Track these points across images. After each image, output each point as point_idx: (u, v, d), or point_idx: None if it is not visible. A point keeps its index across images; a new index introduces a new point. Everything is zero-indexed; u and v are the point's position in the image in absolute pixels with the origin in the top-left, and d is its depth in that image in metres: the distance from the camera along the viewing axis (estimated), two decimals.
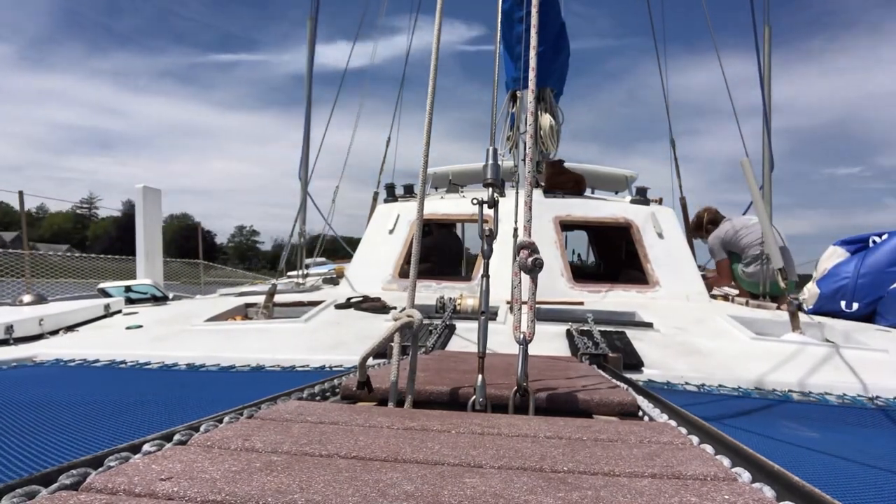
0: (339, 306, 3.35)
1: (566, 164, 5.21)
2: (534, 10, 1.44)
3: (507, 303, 3.20)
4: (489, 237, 1.40)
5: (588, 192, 5.80)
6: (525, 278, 1.22)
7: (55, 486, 0.59)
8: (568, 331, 2.65)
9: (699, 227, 5.42)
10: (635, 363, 2.22)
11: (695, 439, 0.87)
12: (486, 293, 1.35)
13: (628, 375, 1.90)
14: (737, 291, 4.92)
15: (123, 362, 2.30)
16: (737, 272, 4.90)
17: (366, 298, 3.44)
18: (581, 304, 3.55)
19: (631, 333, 2.66)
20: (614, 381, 1.54)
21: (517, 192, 3.44)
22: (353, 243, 5.75)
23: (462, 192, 5.41)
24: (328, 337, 2.69)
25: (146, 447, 0.73)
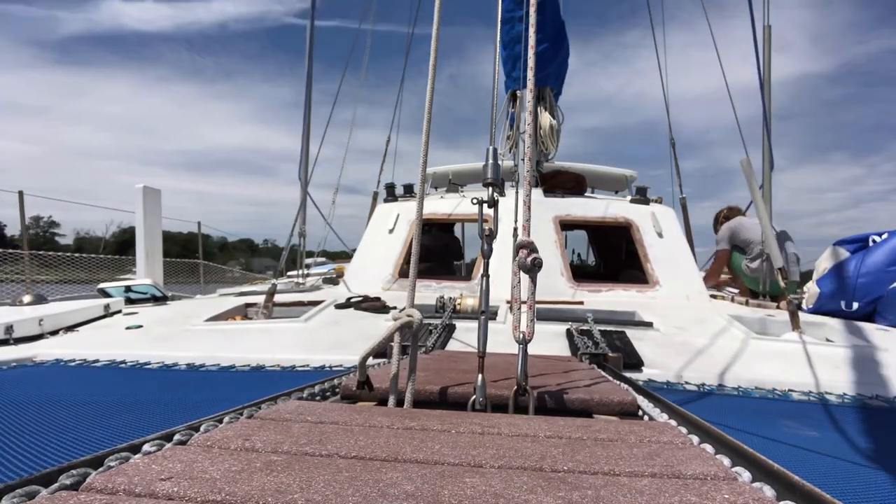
0: (338, 306, 3.35)
1: (566, 164, 5.21)
2: (532, 10, 1.44)
3: (507, 302, 3.20)
4: (489, 237, 1.40)
5: (588, 191, 5.81)
6: (524, 278, 1.22)
7: (55, 486, 0.59)
8: (568, 330, 2.65)
9: (717, 221, 5.46)
10: (635, 363, 2.22)
11: (695, 439, 0.87)
12: (485, 293, 1.35)
13: (628, 375, 1.90)
14: (737, 290, 4.93)
15: (123, 362, 2.30)
16: (740, 266, 4.90)
17: (366, 298, 3.44)
18: (581, 303, 3.55)
19: (631, 333, 2.66)
20: (614, 380, 1.54)
21: (517, 192, 3.44)
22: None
23: (462, 191, 5.41)
24: (328, 337, 2.69)
25: (146, 447, 0.73)
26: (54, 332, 2.87)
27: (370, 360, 1.27)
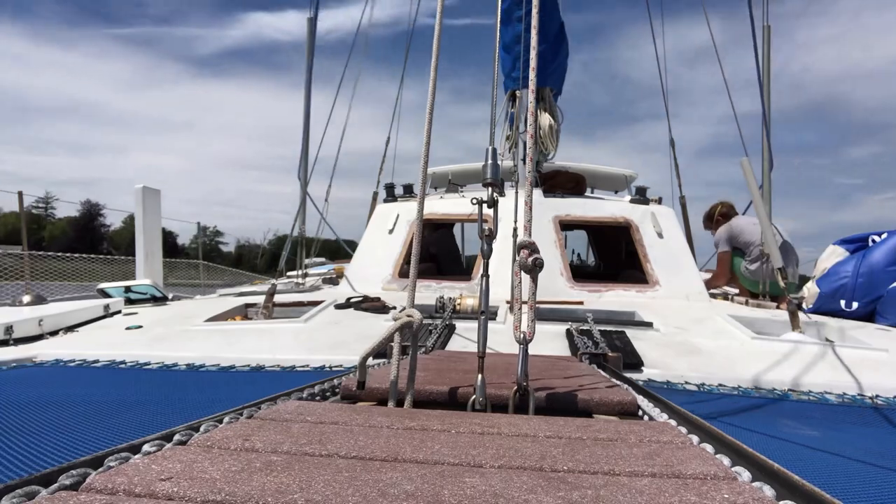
0: (338, 306, 3.35)
1: (566, 164, 5.21)
2: (534, 10, 1.44)
3: (507, 302, 3.20)
4: (489, 237, 1.40)
5: (588, 191, 5.81)
6: (525, 278, 1.22)
7: (55, 486, 0.59)
8: (568, 330, 2.65)
9: (711, 218, 5.40)
10: (635, 363, 2.22)
11: (695, 438, 0.87)
12: (485, 293, 1.35)
13: (628, 375, 1.90)
14: (736, 290, 4.93)
15: (123, 363, 2.30)
16: (738, 268, 4.89)
17: (365, 298, 3.44)
18: (581, 303, 3.55)
19: (631, 333, 2.66)
20: (614, 380, 1.54)
21: (517, 192, 3.44)
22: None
23: (461, 191, 5.41)
24: (328, 337, 2.69)
25: (146, 447, 0.73)
26: (54, 333, 2.87)
27: (370, 361, 1.27)
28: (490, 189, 1.41)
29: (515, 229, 2.89)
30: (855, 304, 3.67)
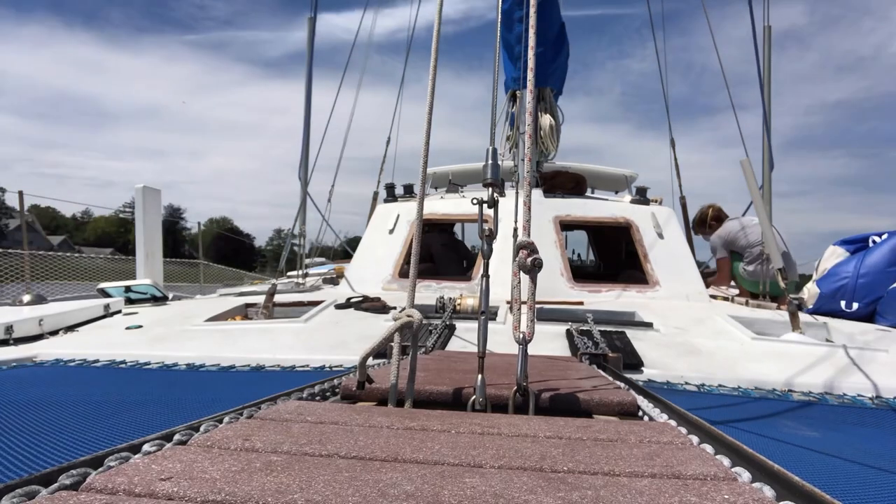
0: (338, 306, 3.35)
1: (566, 164, 5.20)
2: (532, 11, 1.44)
3: (507, 303, 3.20)
4: (489, 237, 1.40)
5: (588, 191, 5.80)
6: (525, 278, 1.22)
7: (55, 486, 0.59)
8: (568, 331, 2.65)
9: (702, 223, 5.36)
10: (635, 363, 2.22)
11: (695, 439, 0.87)
12: (485, 293, 1.35)
13: (628, 375, 1.90)
14: (737, 291, 4.92)
15: (123, 362, 2.30)
16: (737, 270, 4.89)
17: (366, 298, 3.44)
18: (581, 303, 3.55)
19: (631, 333, 2.66)
20: (614, 380, 1.54)
21: (517, 192, 3.44)
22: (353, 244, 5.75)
23: (462, 191, 5.41)
24: (328, 337, 2.69)
25: (146, 447, 0.73)
26: (54, 333, 2.87)
27: (370, 361, 1.27)
28: (490, 189, 1.41)
29: (515, 229, 2.89)
30: (855, 305, 3.67)
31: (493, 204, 1.41)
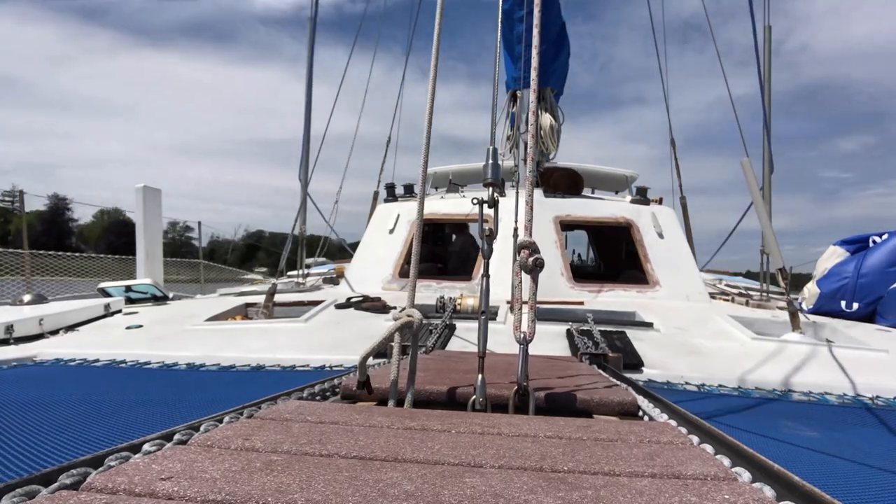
0: (339, 306, 3.35)
1: (566, 164, 5.20)
2: (536, 10, 1.44)
3: (508, 303, 3.20)
4: (489, 237, 1.40)
5: (588, 192, 5.80)
6: (525, 278, 1.22)
7: (55, 485, 0.59)
8: (568, 331, 2.65)
9: None
10: (635, 363, 2.22)
11: (695, 439, 0.87)
12: (486, 293, 1.35)
13: (628, 375, 1.90)
14: (737, 291, 4.91)
15: (123, 362, 2.30)
16: None
17: (366, 298, 3.44)
18: (581, 303, 3.55)
19: (631, 333, 2.65)
20: (614, 380, 1.54)
21: (517, 192, 3.45)
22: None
23: (462, 191, 5.41)
24: (328, 337, 2.69)
25: (146, 447, 0.73)
26: (54, 332, 2.87)
27: (370, 360, 1.27)
28: (491, 189, 1.41)
29: (516, 229, 2.89)
30: (855, 305, 3.67)
31: (494, 204, 1.41)
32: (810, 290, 4.05)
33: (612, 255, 6.66)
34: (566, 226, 4.72)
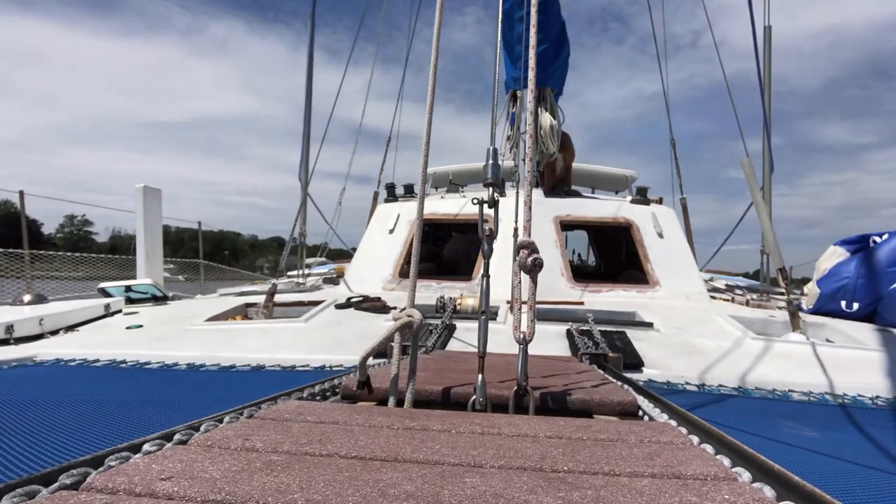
0: (339, 306, 3.35)
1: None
2: (533, 10, 1.44)
3: (508, 302, 3.20)
4: (489, 237, 1.40)
5: (588, 191, 5.79)
6: (525, 278, 1.22)
7: (55, 485, 0.59)
8: (568, 331, 2.65)
9: None
10: (635, 363, 2.22)
11: (695, 439, 0.87)
12: (486, 293, 1.35)
13: (628, 375, 1.90)
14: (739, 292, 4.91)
15: (124, 362, 2.30)
16: None
17: (366, 298, 3.44)
18: (581, 303, 3.55)
19: (631, 333, 2.65)
20: (614, 380, 1.54)
21: (517, 192, 3.45)
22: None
23: (462, 191, 5.41)
24: (328, 337, 2.69)
25: (146, 447, 0.73)
26: (55, 332, 2.87)
27: (370, 361, 1.27)
28: (491, 189, 1.41)
29: (516, 229, 2.89)
30: (856, 305, 3.67)
31: (494, 204, 1.41)
32: (810, 291, 4.05)
33: (613, 255, 6.67)
34: (566, 226, 4.72)
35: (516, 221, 2.88)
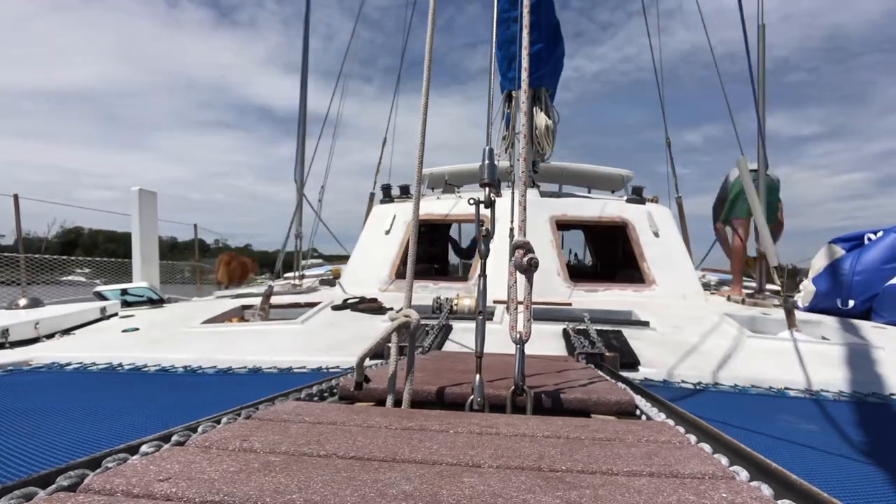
0: (335, 307, 3.35)
1: (562, 164, 5.18)
2: (525, 11, 1.44)
3: (496, 301, 3.20)
4: (486, 237, 1.40)
5: (585, 191, 5.81)
6: (521, 278, 1.22)
7: (53, 487, 0.59)
8: (564, 330, 2.65)
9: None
10: (632, 362, 2.23)
11: (692, 438, 0.87)
12: (482, 293, 1.35)
13: (625, 374, 1.90)
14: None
15: (120, 365, 2.29)
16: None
17: (362, 299, 3.44)
18: (573, 303, 3.56)
19: (627, 332, 2.66)
20: (611, 380, 1.54)
21: (513, 192, 3.46)
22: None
23: (458, 192, 5.42)
24: (325, 338, 2.69)
25: (144, 448, 0.73)
26: (50, 336, 2.86)
27: (367, 361, 1.27)
28: (487, 189, 1.41)
29: (512, 230, 2.89)
30: (851, 302, 3.68)
31: (490, 204, 1.42)
32: (806, 288, 4.07)
33: (609, 255, 6.68)
34: (562, 225, 4.72)
35: (512, 222, 2.88)
